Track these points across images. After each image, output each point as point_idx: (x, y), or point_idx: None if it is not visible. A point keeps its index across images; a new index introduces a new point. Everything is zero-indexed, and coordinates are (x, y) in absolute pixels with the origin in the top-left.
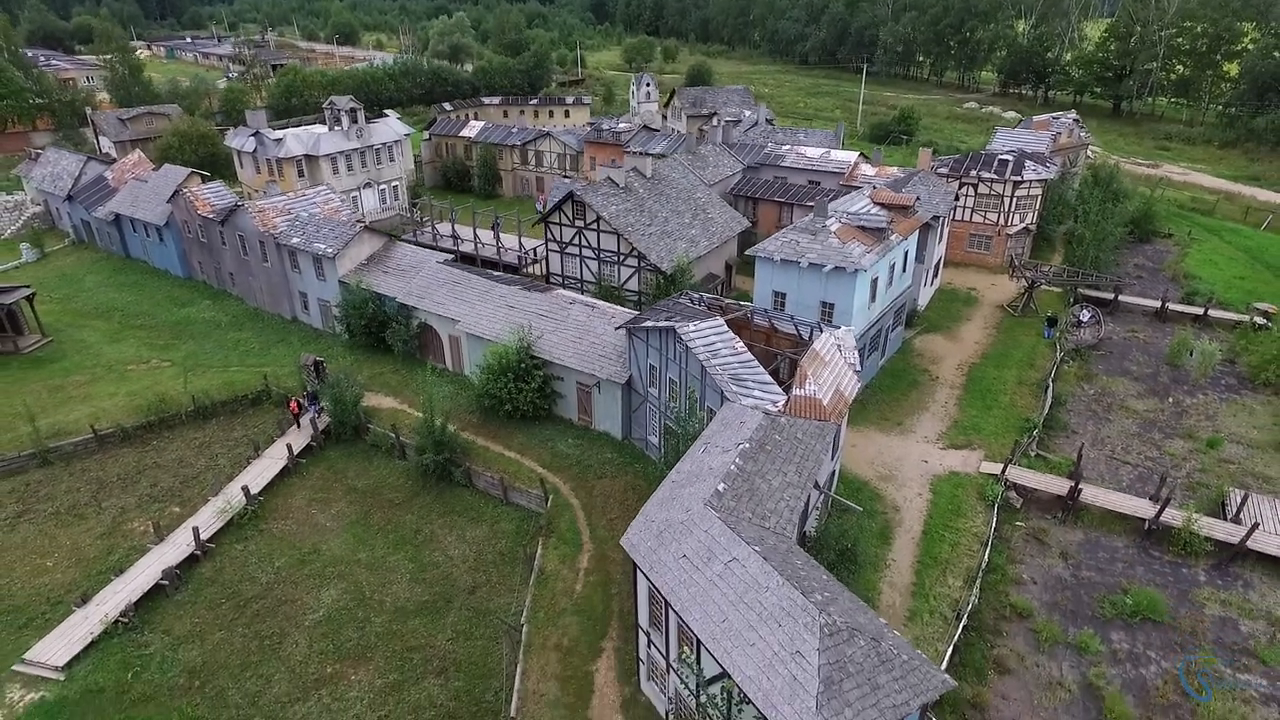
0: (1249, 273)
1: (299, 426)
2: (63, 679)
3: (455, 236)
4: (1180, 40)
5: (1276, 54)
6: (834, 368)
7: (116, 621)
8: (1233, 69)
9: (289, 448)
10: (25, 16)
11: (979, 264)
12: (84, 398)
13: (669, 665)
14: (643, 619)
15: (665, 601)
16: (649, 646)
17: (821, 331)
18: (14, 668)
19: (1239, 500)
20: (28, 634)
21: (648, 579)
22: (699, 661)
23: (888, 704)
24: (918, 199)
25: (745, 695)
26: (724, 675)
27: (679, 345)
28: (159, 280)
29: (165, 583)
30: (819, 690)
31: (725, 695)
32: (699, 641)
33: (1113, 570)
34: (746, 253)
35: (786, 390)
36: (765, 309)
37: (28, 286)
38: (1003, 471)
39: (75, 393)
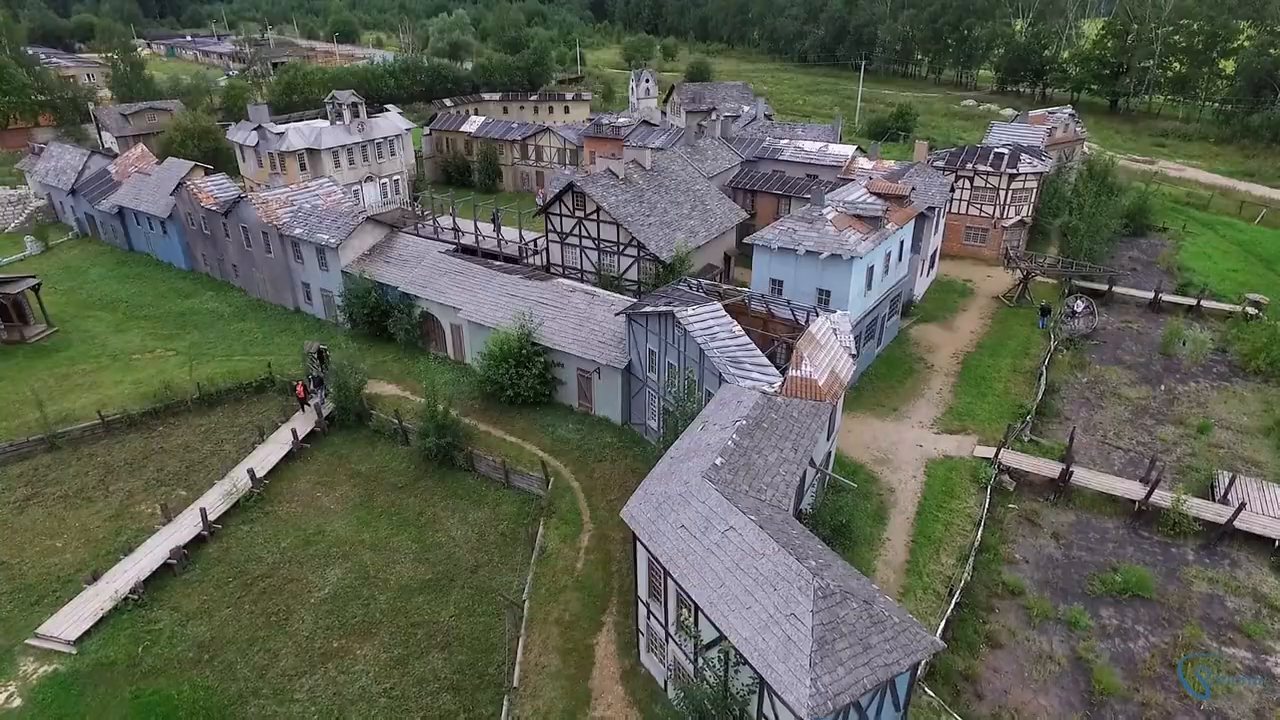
0: (1242, 265)
1: (305, 410)
2: (74, 653)
3: (456, 229)
4: (1177, 38)
5: (1272, 52)
6: (829, 350)
7: (126, 598)
8: (1229, 66)
9: (294, 432)
10: (25, 15)
11: (975, 256)
12: (90, 385)
13: (668, 635)
14: (642, 590)
15: (664, 570)
16: (648, 618)
17: (817, 316)
18: (27, 642)
19: (1227, 482)
20: (39, 611)
21: (647, 550)
22: (696, 624)
23: (879, 663)
24: (913, 189)
25: (742, 656)
26: (721, 639)
27: (677, 330)
28: (162, 272)
29: (173, 562)
30: (812, 649)
31: (723, 657)
32: (697, 607)
33: (1103, 550)
34: (744, 240)
35: (783, 373)
36: (762, 294)
37: (33, 276)
38: (996, 455)
39: (81, 380)
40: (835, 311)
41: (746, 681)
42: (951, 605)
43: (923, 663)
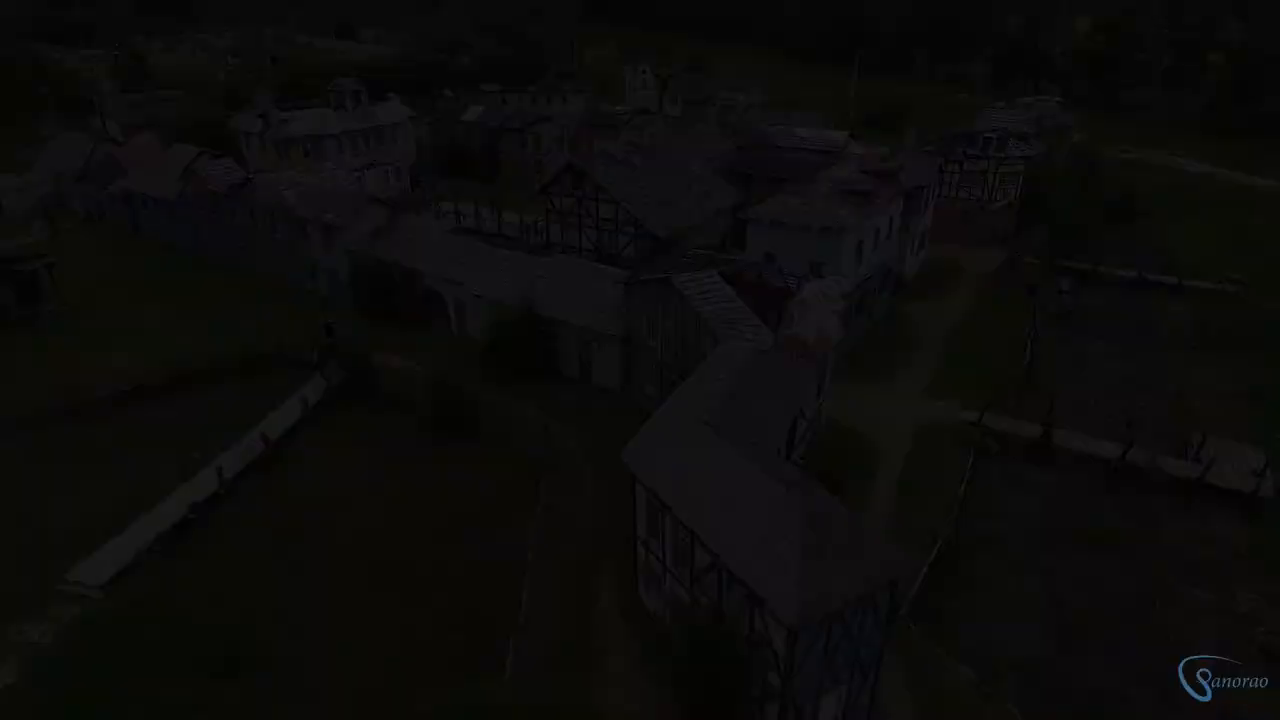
0: (1224, 247)
1: (319, 376)
2: (102, 595)
3: (457, 213)
4: (1168, 32)
5: (1261, 47)
6: (818, 311)
7: (150, 548)
8: (1218, 61)
9: (304, 400)
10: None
11: (965, 238)
12: (104, 357)
13: (665, 569)
14: (641, 530)
15: (662, 505)
16: (647, 556)
17: (808, 282)
18: (57, 587)
19: (1199, 441)
20: (67, 560)
21: (646, 488)
22: (693, 551)
23: (860, 576)
24: (902, 167)
25: (735, 576)
26: (716, 562)
27: (674, 295)
28: (170, 254)
29: (193, 516)
30: (801, 565)
31: (718, 577)
32: (694, 535)
33: (1081, 504)
34: (739, 215)
35: (775, 332)
36: (756, 261)
37: (48, 255)
38: (980, 418)
39: (95, 352)
40: (825, 278)
41: (739, 599)
42: (934, 552)
43: (907, 598)
